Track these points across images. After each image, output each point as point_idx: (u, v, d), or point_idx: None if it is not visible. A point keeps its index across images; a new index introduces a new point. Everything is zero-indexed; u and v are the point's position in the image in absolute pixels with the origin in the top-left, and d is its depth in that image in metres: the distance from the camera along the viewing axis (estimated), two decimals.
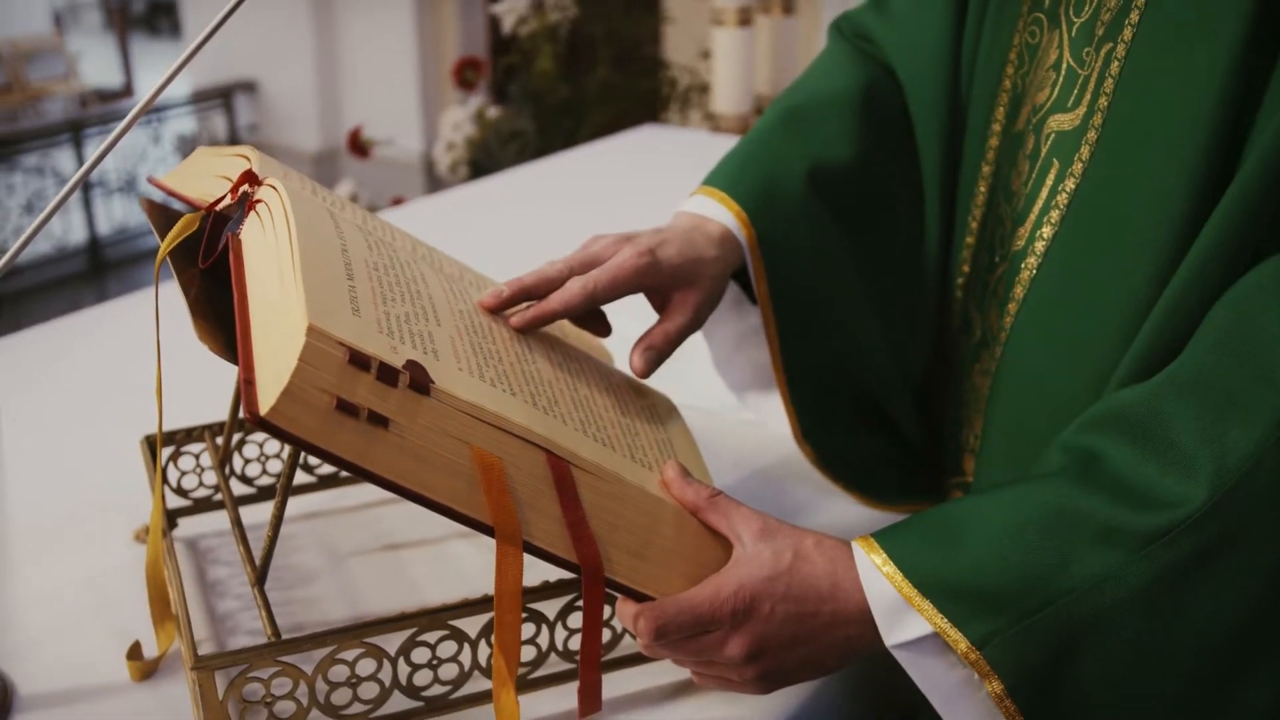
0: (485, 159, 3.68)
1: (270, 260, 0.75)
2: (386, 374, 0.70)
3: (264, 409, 0.66)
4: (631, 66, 4.08)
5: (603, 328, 0.99)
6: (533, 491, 0.75)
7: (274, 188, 0.81)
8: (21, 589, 1.00)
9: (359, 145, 4.11)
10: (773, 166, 1.06)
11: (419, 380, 0.71)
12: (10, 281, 6.14)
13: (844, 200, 1.06)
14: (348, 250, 0.79)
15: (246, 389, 0.67)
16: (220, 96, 7.13)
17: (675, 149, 2.35)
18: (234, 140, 7.22)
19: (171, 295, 0.84)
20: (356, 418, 0.68)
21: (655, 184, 2.11)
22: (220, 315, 0.79)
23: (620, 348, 1.01)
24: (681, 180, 2.08)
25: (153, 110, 6.99)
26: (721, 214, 1.02)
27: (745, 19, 2.70)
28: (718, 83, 2.81)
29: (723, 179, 1.06)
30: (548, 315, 0.91)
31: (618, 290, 0.93)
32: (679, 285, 0.97)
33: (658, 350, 0.95)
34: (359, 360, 0.69)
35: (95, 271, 6.75)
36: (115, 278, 6.71)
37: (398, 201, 3.83)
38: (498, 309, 0.90)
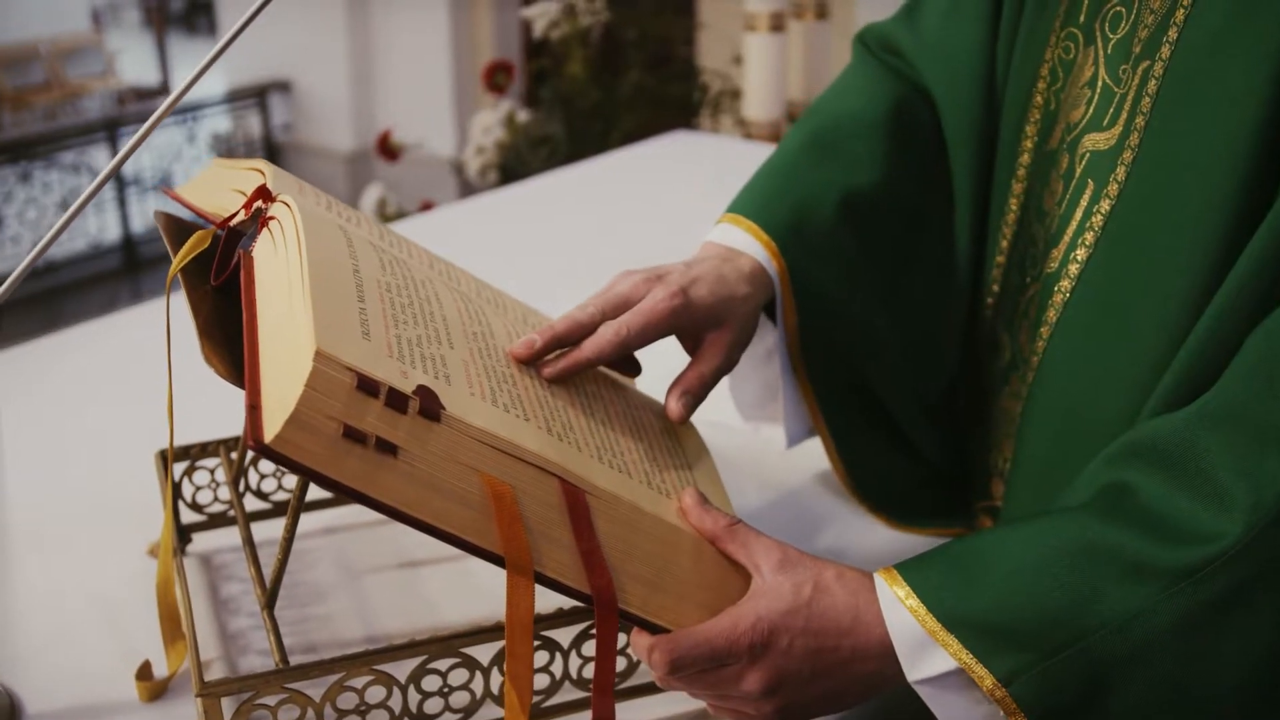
0: (515, 163, 3.66)
1: (280, 280, 0.73)
2: (396, 400, 0.68)
3: (268, 436, 0.64)
4: (664, 71, 4.06)
5: (633, 369, 0.96)
6: (545, 520, 0.73)
7: (287, 204, 0.79)
8: (31, 601, 0.99)
9: (388, 149, 4.11)
10: (804, 194, 1.02)
11: (429, 406, 0.69)
12: (46, 279, 6.20)
13: (873, 225, 1.03)
14: (360, 270, 0.77)
15: (251, 414, 0.65)
16: (255, 96, 7.17)
17: (707, 156, 2.32)
18: (268, 139, 7.25)
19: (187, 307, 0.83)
20: (364, 445, 0.67)
21: (687, 191, 2.09)
22: (231, 336, 0.78)
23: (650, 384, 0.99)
24: (713, 188, 2.07)
25: (187, 109, 7.03)
26: (751, 246, 0.99)
27: (778, 24, 2.68)
28: (749, 88, 2.79)
29: (752, 207, 1.02)
30: (580, 364, 0.87)
31: (651, 334, 0.90)
32: (711, 326, 0.93)
33: (694, 395, 0.92)
34: (367, 386, 0.67)
35: (130, 269, 6.81)
36: (150, 275, 6.76)
37: (427, 206, 3.83)
38: (531, 359, 0.86)
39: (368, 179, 6.14)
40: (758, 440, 1.13)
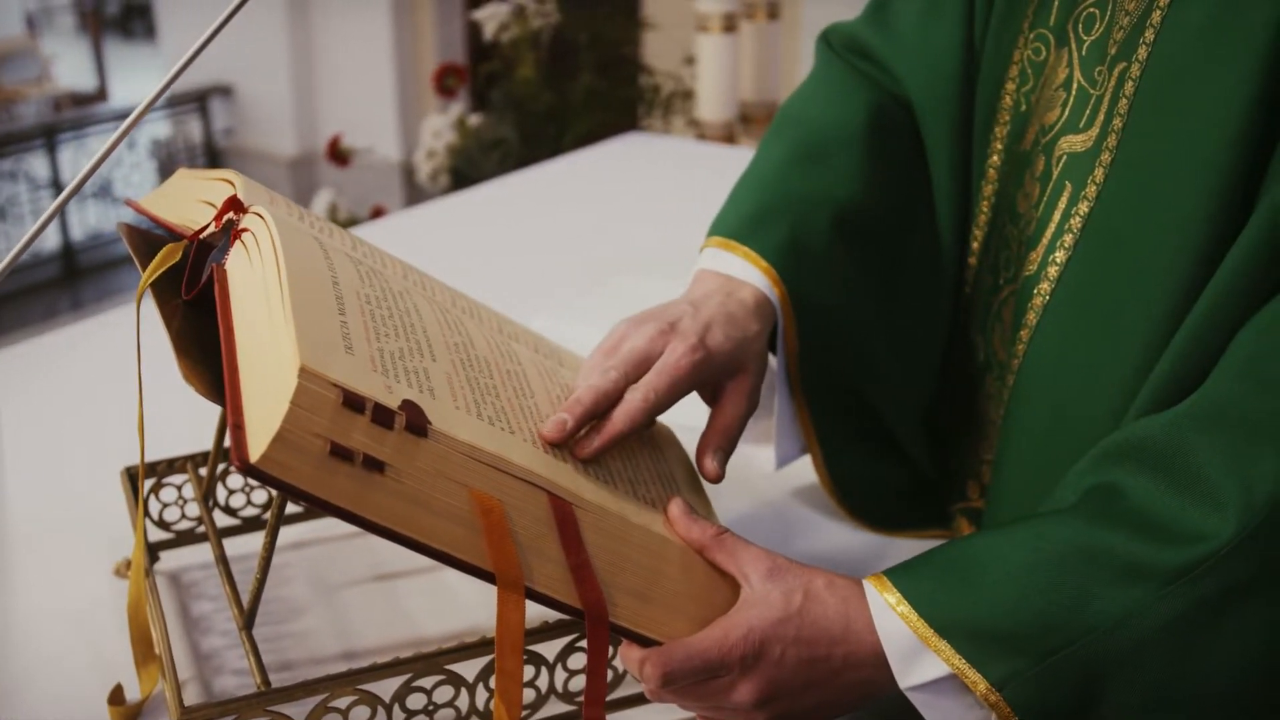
0: (466, 167, 3.64)
1: (258, 294, 0.71)
2: (382, 415, 0.66)
3: (254, 456, 0.62)
4: (616, 73, 4.03)
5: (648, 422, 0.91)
6: (534, 535, 0.72)
7: (260, 216, 0.78)
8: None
9: (338, 154, 4.07)
10: (797, 214, 0.99)
11: (415, 421, 0.68)
12: None
13: (864, 236, 1.01)
14: (339, 282, 0.76)
15: (235, 434, 0.63)
16: (196, 101, 7.07)
17: (660, 157, 2.32)
18: (209, 144, 7.16)
19: (152, 320, 0.81)
20: (351, 463, 0.65)
21: (642, 193, 2.08)
22: (205, 349, 0.76)
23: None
24: (667, 189, 2.07)
25: (126, 115, 6.93)
26: (751, 274, 0.96)
27: (730, 25, 2.68)
28: (702, 89, 2.79)
29: (744, 229, 0.99)
30: (615, 437, 0.82)
31: (677, 394, 0.86)
32: (731, 373, 0.91)
33: (725, 450, 0.90)
34: (353, 402, 0.65)
35: (69, 277, 6.70)
36: (90, 284, 6.66)
37: (378, 213, 3.79)
38: (566, 440, 0.80)
39: (311, 183, 6.09)
40: (739, 448, 1.12)
